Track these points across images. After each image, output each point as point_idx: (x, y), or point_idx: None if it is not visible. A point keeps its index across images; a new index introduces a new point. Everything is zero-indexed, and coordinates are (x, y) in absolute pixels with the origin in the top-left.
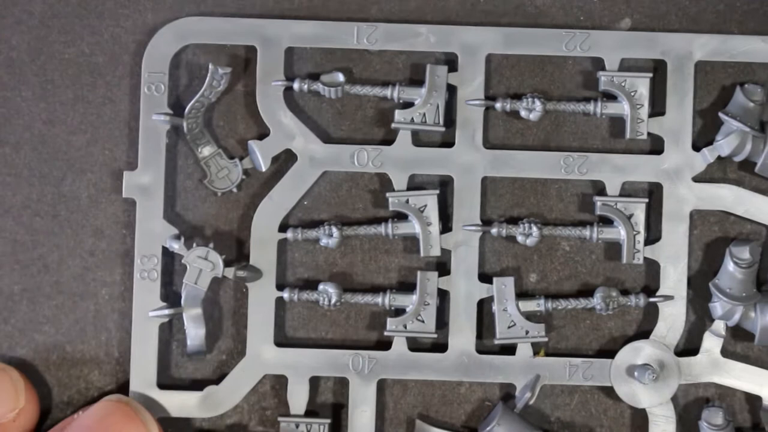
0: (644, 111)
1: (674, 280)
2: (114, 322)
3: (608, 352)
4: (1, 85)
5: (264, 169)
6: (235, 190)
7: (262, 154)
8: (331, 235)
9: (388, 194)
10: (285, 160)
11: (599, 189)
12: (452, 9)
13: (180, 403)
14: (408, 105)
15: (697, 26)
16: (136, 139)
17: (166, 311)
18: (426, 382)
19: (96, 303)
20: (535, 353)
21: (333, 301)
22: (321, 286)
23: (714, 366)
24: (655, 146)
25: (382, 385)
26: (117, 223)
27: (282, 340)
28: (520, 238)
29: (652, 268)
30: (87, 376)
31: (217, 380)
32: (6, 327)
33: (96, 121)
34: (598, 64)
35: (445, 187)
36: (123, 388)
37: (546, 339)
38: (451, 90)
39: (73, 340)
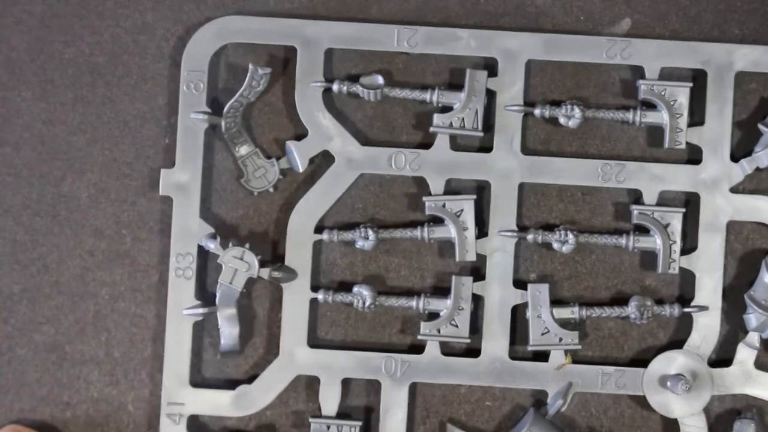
0: (683, 120)
1: (709, 290)
2: (114, 322)
3: (641, 361)
4: (1, 85)
5: (301, 170)
6: (271, 189)
7: (299, 155)
8: (367, 238)
9: (425, 198)
10: (322, 162)
11: (636, 197)
12: (452, 9)
13: (212, 402)
14: (446, 109)
15: (698, 26)
16: (168, 137)
17: (201, 310)
18: (458, 387)
19: (96, 303)
20: (561, 365)
21: (367, 303)
22: (355, 289)
23: (747, 378)
24: (693, 156)
25: (414, 389)
26: (118, 223)
27: (315, 342)
28: (555, 245)
29: (687, 278)
30: (87, 376)
31: (250, 380)
32: (6, 327)
33: (96, 121)
34: (638, 72)
35: (481, 192)
36: (123, 388)
37: (579, 347)
38: (490, 95)
39: (72, 340)
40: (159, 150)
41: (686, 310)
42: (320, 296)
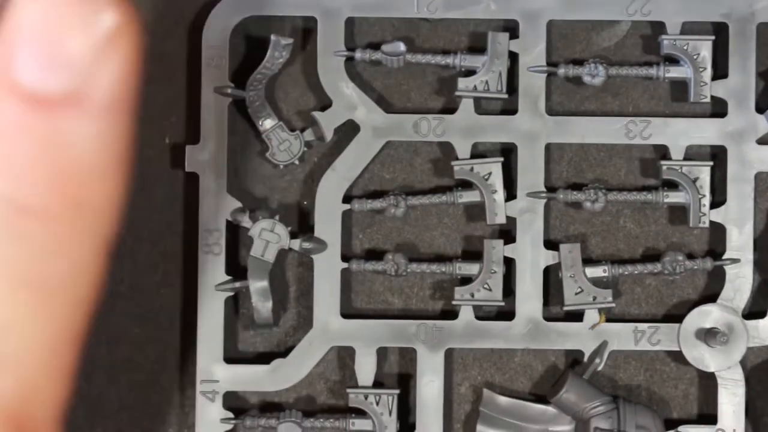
0: (707, 74)
1: (740, 242)
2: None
3: (675, 317)
4: None
5: (327, 140)
6: (296, 162)
7: (324, 125)
8: (396, 205)
9: (453, 162)
10: (347, 131)
11: (663, 153)
12: None
13: (247, 377)
14: (470, 73)
15: None
16: (194, 114)
17: (232, 284)
18: (493, 351)
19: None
20: (595, 324)
21: (399, 270)
22: (387, 256)
23: None
24: (718, 109)
25: (449, 355)
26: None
27: (348, 312)
28: (586, 204)
29: (717, 231)
30: (86, 376)
31: (284, 353)
32: None
33: None
34: (658, 28)
35: (508, 154)
36: (123, 388)
37: (613, 305)
38: (513, 57)
39: None
40: (160, 149)
41: (718, 263)
42: (351, 266)
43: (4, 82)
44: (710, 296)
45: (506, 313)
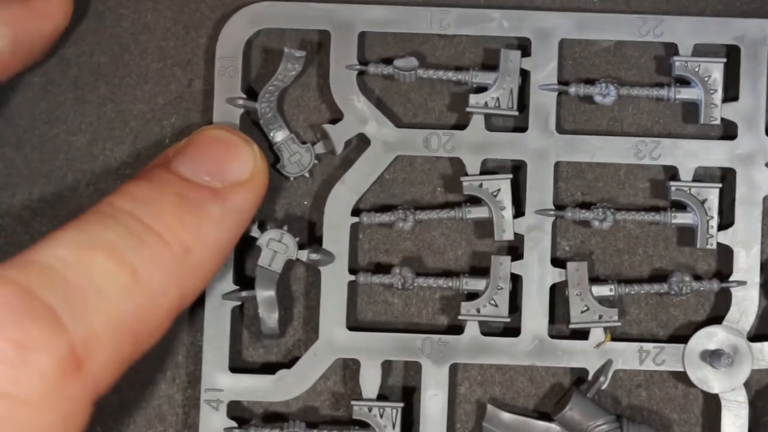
0: (718, 96)
1: (747, 265)
2: None
3: (680, 338)
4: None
5: (337, 153)
6: (307, 174)
7: (335, 139)
8: (405, 219)
9: (462, 178)
10: (357, 145)
11: (672, 174)
12: None
13: (252, 387)
14: (481, 89)
15: (731, 1)
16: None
17: (239, 294)
18: (498, 367)
19: None
20: (600, 343)
21: (406, 284)
22: (394, 270)
23: None
24: (728, 132)
25: (454, 370)
26: None
27: (354, 324)
28: (594, 224)
29: (725, 253)
30: None
31: (289, 364)
32: None
33: (96, 121)
34: (670, 49)
35: (517, 171)
36: (123, 388)
37: (619, 324)
38: (524, 75)
39: None
40: (160, 150)
41: (724, 285)
42: (358, 278)
43: None
44: (716, 318)
45: (512, 330)
